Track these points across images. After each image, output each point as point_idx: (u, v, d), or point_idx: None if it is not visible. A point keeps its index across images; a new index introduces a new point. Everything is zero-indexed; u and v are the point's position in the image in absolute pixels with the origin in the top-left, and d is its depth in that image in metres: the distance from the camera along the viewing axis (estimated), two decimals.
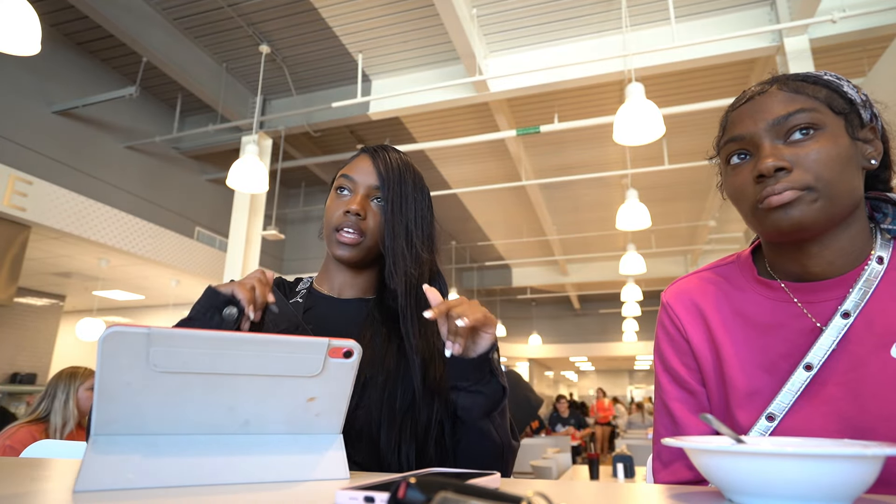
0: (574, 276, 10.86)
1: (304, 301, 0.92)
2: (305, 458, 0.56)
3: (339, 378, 0.55)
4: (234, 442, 0.54)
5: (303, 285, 0.98)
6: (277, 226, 5.02)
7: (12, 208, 4.07)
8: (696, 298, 0.76)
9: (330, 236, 0.90)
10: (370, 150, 0.94)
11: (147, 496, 0.45)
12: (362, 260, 0.90)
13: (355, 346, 0.54)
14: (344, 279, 0.94)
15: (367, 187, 0.90)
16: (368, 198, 0.90)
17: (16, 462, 0.64)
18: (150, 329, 0.46)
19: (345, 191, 0.91)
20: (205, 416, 0.52)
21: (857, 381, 0.62)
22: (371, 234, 0.89)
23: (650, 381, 21.61)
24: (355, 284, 0.94)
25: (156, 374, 0.48)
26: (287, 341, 0.51)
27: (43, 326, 6.73)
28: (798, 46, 3.59)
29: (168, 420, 0.51)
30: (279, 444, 0.56)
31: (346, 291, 0.94)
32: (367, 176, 0.90)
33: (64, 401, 2.14)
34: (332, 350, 0.53)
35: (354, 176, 0.91)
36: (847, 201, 0.64)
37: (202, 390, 0.50)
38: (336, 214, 0.89)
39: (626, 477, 2.60)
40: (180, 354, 0.48)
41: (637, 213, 4.44)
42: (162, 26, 4.21)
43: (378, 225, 0.89)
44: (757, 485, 0.43)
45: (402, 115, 4.96)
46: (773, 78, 0.70)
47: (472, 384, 0.75)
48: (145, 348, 0.47)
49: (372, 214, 0.89)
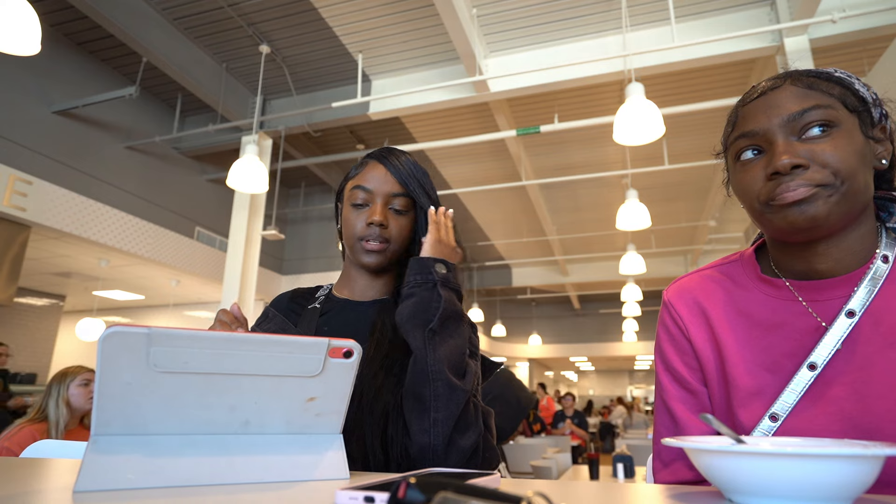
0: (574, 276, 10.86)
1: (321, 306, 0.94)
2: (305, 458, 0.56)
3: (340, 378, 0.55)
4: (235, 442, 0.54)
5: (322, 292, 0.99)
6: (277, 226, 5.02)
7: (12, 208, 4.07)
8: (699, 297, 0.76)
9: (354, 246, 0.91)
10: (378, 156, 0.94)
11: (147, 496, 0.45)
12: (387, 265, 0.93)
13: (355, 346, 0.54)
14: (365, 283, 0.96)
15: (385, 196, 0.90)
16: (387, 205, 0.90)
17: (14, 462, 0.64)
18: (150, 329, 0.46)
19: (362, 202, 0.91)
20: (205, 415, 0.52)
21: (862, 380, 0.62)
22: (395, 240, 0.91)
23: (650, 381, 21.60)
24: (375, 286, 0.96)
25: (156, 374, 0.48)
26: (287, 341, 0.51)
27: (43, 326, 6.74)
28: (798, 46, 3.59)
29: (169, 420, 0.51)
30: (279, 444, 0.55)
31: (366, 294, 0.96)
32: (382, 184, 0.90)
33: (56, 399, 2.19)
34: (332, 350, 0.53)
35: (369, 186, 0.91)
36: (861, 200, 0.63)
37: (202, 390, 0.50)
38: (359, 227, 0.90)
39: (626, 477, 2.60)
40: (181, 354, 0.48)
41: (637, 213, 4.44)
42: (162, 26, 4.22)
43: (399, 230, 0.91)
44: (757, 485, 0.43)
45: (402, 115, 4.96)
46: (786, 73, 0.69)
47: (409, 287, 0.82)
48: (145, 348, 0.46)
49: (393, 221, 0.90)
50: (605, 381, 22.73)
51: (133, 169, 5.38)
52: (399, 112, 4.67)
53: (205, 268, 5.97)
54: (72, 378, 2.25)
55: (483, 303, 11.62)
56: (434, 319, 0.78)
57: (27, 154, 4.38)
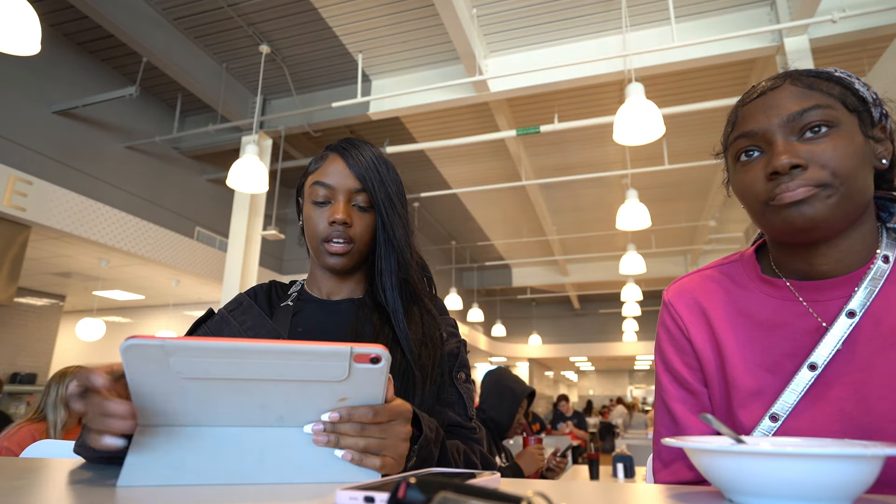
0: (574, 276, 10.86)
1: (294, 305, 0.92)
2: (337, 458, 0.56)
3: (369, 383, 0.53)
4: (272, 435, 0.54)
5: (294, 288, 0.97)
6: (277, 226, 5.01)
7: (12, 208, 4.07)
8: (699, 297, 0.75)
9: (318, 248, 0.88)
10: (339, 150, 0.90)
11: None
12: (353, 265, 0.90)
13: (383, 353, 0.51)
14: (333, 284, 0.94)
15: (346, 192, 0.86)
16: (350, 202, 0.87)
17: (16, 462, 0.64)
18: (163, 342, 0.46)
19: (323, 200, 0.87)
20: (238, 412, 0.53)
21: (862, 381, 0.62)
22: (359, 239, 0.87)
23: (650, 381, 21.60)
24: (344, 287, 0.94)
25: (181, 380, 0.49)
26: (307, 350, 0.49)
27: (43, 326, 6.73)
28: (798, 46, 3.59)
29: (203, 415, 0.52)
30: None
31: (335, 295, 0.94)
32: (344, 179, 0.86)
33: (54, 400, 2.21)
34: (357, 356, 0.50)
35: (330, 181, 0.87)
36: (861, 200, 0.63)
37: (229, 392, 0.51)
38: (321, 226, 0.86)
39: (626, 477, 2.60)
40: (199, 363, 0.48)
41: (637, 213, 4.43)
42: (162, 26, 4.21)
43: (364, 228, 0.88)
44: (757, 485, 0.43)
45: (402, 115, 4.96)
46: (785, 73, 0.69)
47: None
48: (164, 358, 0.47)
49: (357, 219, 0.87)
50: (605, 381, 22.72)
51: (133, 169, 5.38)
52: (399, 112, 4.67)
53: (205, 268, 5.97)
54: (70, 378, 2.26)
55: (483, 303, 11.61)
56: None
57: (27, 154, 4.38)
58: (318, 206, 0.87)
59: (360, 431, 0.55)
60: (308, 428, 0.55)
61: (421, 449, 0.62)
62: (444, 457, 0.69)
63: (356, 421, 0.55)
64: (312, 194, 0.88)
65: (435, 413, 0.81)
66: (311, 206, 0.88)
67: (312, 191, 0.88)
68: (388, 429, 0.57)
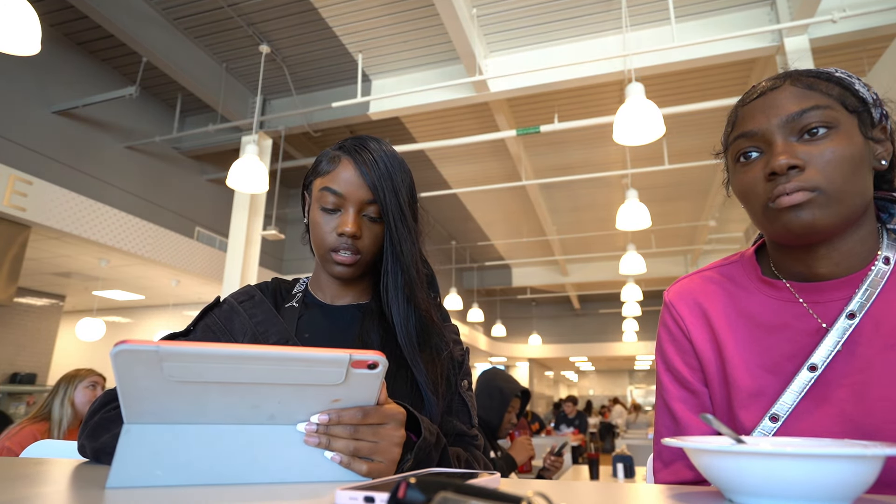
0: (574, 276, 10.86)
1: (298, 306, 0.91)
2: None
3: (364, 387, 0.54)
4: (261, 433, 0.54)
5: (298, 288, 0.96)
6: (277, 226, 5.02)
7: (12, 208, 4.07)
8: (699, 298, 0.76)
9: (325, 256, 0.85)
10: (352, 153, 0.85)
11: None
12: (359, 275, 0.89)
13: (381, 360, 0.51)
14: (338, 289, 0.93)
15: (358, 202, 0.83)
16: (360, 213, 0.84)
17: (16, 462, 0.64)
18: (158, 348, 0.46)
19: (333, 207, 0.84)
20: (230, 412, 0.52)
21: (862, 382, 0.62)
22: (367, 251, 0.85)
23: (650, 381, 21.60)
24: (349, 293, 0.93)
25: (174, 384, 0.48)
26: (306, 357, 0.49)
27: (43, 326, 6.73)
28: (798, 46, 3.59)
29: (194, 415, 0.52)
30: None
31: (339, 300, 0.93)
32: (356, 189, 0.83)
33: (62, 399, 2.25)
34: (354, 363, 0.51)
35: (340, 189, 0.83)
36: (858, 203, 0.63)
37: (223, 394, 0.50)
38: (330, 237, 0.84)
39: (626, 477, 2.60)
40: (194, 368, 0.48)
41: (637, 213, 4.43)
42: (162, 26, 4.21)
43: (373, 240, 0.85)
44: (757, 485, 0.43)
45: (402, 115, 4.96)
46: (785, 73, 0.69)
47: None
48: (157, 363, 0.46)
49: (367, 231, 0.85)
50: (605, 381, 22.72)
51: (133, 169, 5.38)
52: (399, 112, 4.67)
53: (205, 268, 5.97)
54: (80, 380, 2.32)
55: (483, 303, 11.61)
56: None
57: (27, 154, 4.38)
58: (327, 213, 0.84)
59: (351, 433, 0.55)
60: (301, 427, 0.55)
61: (419, 451, 0.62)
62: (445, 463, 0.69)
63: (346, 423, 0.55)
64: (321, 199, 0.84)
65: (443, 423, 0.81)
66: (318, 211, 0.85)
67: (321, 196, 0.84)
68: (379, 431, 0.57)
